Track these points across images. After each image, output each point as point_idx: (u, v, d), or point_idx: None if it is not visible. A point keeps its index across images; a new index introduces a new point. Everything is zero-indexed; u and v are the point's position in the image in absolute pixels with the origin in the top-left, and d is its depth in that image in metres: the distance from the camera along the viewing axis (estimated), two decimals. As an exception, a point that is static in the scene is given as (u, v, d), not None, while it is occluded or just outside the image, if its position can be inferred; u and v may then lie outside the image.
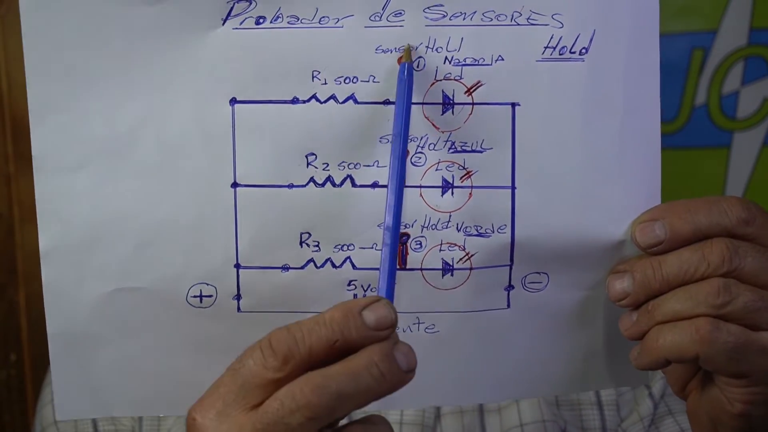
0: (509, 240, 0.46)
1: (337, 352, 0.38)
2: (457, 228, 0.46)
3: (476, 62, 0.45)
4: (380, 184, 0.46)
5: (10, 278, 1.10)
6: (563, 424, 0.65)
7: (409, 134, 0.46)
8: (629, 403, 0.67)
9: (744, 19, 1.07)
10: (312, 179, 0.46)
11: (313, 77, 0.45)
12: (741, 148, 1.12)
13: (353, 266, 0.47)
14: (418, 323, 0.48)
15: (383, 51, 0.45)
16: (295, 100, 0.45)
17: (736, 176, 1.11)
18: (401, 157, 0.44)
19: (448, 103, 0.46)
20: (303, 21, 0.45)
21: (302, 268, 0.47)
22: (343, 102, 0.45)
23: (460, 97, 0.45)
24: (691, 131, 1.12)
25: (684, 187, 1.10)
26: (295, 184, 0.46)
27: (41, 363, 1.08)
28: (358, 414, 0.65)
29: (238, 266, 0.47)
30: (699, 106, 1.10)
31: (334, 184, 0.46)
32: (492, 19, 0.45)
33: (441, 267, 0.47)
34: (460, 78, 0.45)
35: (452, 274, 0.47)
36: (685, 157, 1.12)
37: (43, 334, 0.48)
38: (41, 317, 0.48)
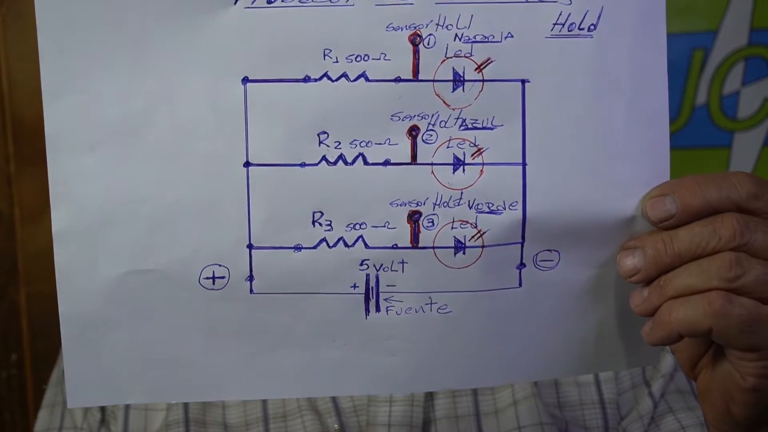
0: (521, 216, 0.46)
1: None
2: (468, 205, 0.47)
3: (486, 39, 0.45)
4: (392, 162, 0.46)
5: (10, 278, 1.10)
6: (564, 425, 0.65)
7: (421, 112, 0.46)
8: (629, 401, 0.67)
9: (744, 20, 1.08)
10: (324, 158, 0.46)
11: (324, 55, 0.45)
12: (741, 149, 1.12)
13: (365, 245, 0.47)
14: (431, 303, 0.48)
15: (394, 29, 0.45)
16: (306, 79, 0.46)
17: (737, 176, 1.11)
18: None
19: (458, 80, 0.46)
20: None
21: (314, 247, 0.47)
22: (355, 80, 0.46)
23: (471, 74, 0.46)
24: (691, 131, 1.12)
25: (685, 186, 1.10)
26: (307, 162, 0.46)
27: (42, 363, 1.07)
28: (347, 402, 0.65)
29: (250, 246, 0.47)
30: (699, 107, 1.11)
31: (346, 163, 0.46)
32: None
33: (453, 245, 0.47)
34: (471, 55, 0.46)
35: (464, 252, 0.47)
36: (685, 157, 1.12)
37: (44, 334, 0.48)
38: (42, 317, 0.48)
